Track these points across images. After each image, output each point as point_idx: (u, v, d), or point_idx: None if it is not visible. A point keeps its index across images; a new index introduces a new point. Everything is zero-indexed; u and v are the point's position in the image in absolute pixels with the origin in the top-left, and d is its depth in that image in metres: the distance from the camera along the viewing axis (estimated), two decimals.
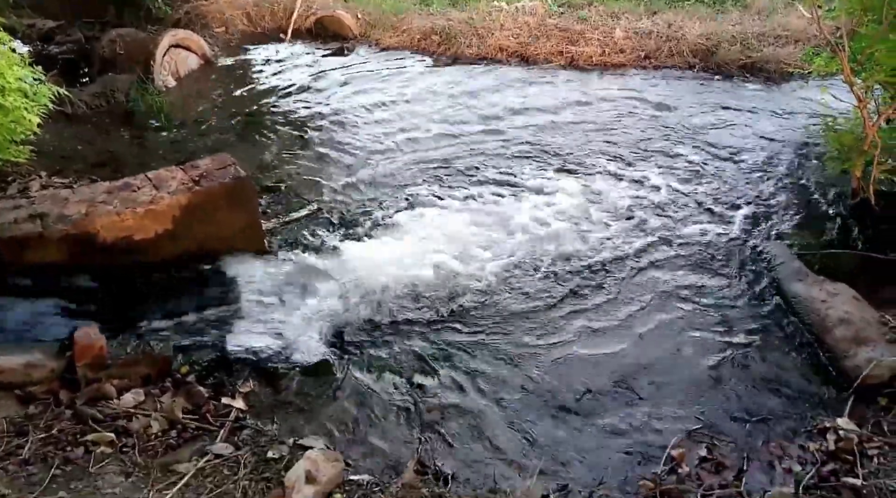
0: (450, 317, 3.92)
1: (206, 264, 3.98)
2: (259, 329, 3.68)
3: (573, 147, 5.97)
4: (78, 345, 3.16)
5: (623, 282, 4.24)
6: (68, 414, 2.97)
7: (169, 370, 3.36)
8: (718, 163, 5.68)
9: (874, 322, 3.54)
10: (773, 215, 4.92)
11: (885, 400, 3.17)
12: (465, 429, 3.19)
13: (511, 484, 2.81)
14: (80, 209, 3.72)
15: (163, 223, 3.84)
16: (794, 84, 7.31)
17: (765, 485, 2.80)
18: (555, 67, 7.97)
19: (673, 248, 4.57)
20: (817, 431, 3.07)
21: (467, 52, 8.36)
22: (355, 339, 3.75)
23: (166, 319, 3.67)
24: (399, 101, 7.04)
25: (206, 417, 3.08)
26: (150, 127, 6.26)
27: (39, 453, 2.72)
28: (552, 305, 4.04)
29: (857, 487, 2.65)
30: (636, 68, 7.94)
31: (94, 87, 6.69)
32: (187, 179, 4.00)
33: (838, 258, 4.29)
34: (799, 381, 3.44)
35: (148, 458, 2.77)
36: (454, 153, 5.89)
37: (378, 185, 5.37)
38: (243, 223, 4.15)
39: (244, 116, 6.67)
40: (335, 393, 3.39)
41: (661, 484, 2.77)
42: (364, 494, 2.64)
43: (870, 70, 4.47)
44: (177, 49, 7.49)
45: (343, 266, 4.23)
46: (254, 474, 2.71)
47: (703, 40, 8.13)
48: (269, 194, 5.11)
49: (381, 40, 8.91)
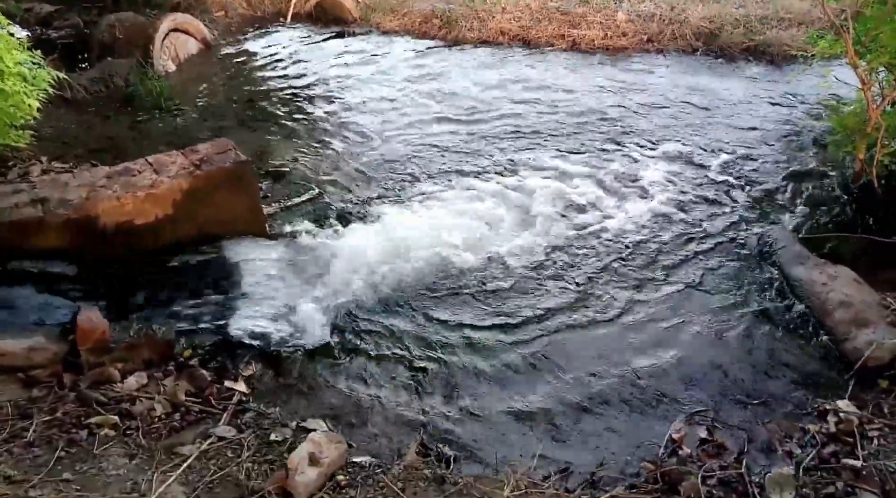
0: (452, 299, 3.93)
1: (207, 248, 3.98)
2: (261, 313, 3.69)
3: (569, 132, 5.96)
4: (80, 329, 3.17)
5: (623, 265, 4.24)
6: (72, 397, 2.98)
7: (171, 354, 3.37)
8: (719, 147, 5.66)
9: (875, 304, 3.54)
10: (774, 198, 4.91)
11: (886, 382, 3.18)
12: (468, 411, 3.20)
13: (513, 466, 2.82)
14: (80, 194, 3.72)
15: (163, 207, 3.84)
16: (797, 67, 7.25)
17: (765, 466, 2.80)
18: (556, 51, 7.92)
19: (672, 231, 4.57)
20: (818, 414, 3.08)
21: (468, 36, 8.31)
22: (357, 321, 3.76)
23: (168, 304, 3.68)
24: (400, 85, 7.00)
25: (209, 400, 3.09)
26: (150, 111, 6.23)
27: (44, 436, 2.73)
28: (555, 287, 4.04)
29: (857, 469, 2.66)
30: (639, 52, 7.88)
31: (93, 72, 6.65)
32: (188, 164, 3.99)
33: (840, 241, 4.29)
34: (800, 363, 3.45)
35: (152, 440, 2.79)
36: (457, 137, 5.87)
37: (379, 168, 5.35)
38: (244, 207, 4.14)
39: (244, 101, 6.64)
40: (338, 376, 3.41)
41: (661, 466, 2.78)
42: (367, 475, 2.66)
43: (874, 52, 4.44)
44: (176, 33, 7.43)
45: (344, 250, 4.23)
46: (257, 456, 2.73)
47: (706, 23, 8.07)
48: (270, 179, 5.09)
49: (381, 24, 8.85)
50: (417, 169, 5.34)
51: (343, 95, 6.75)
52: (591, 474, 2.82)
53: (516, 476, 2.63)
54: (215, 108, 6.45)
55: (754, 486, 2.64)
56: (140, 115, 6.16)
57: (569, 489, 2.70)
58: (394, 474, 2.66)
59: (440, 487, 2.59)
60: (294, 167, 5.31)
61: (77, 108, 6.17)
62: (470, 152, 5.61)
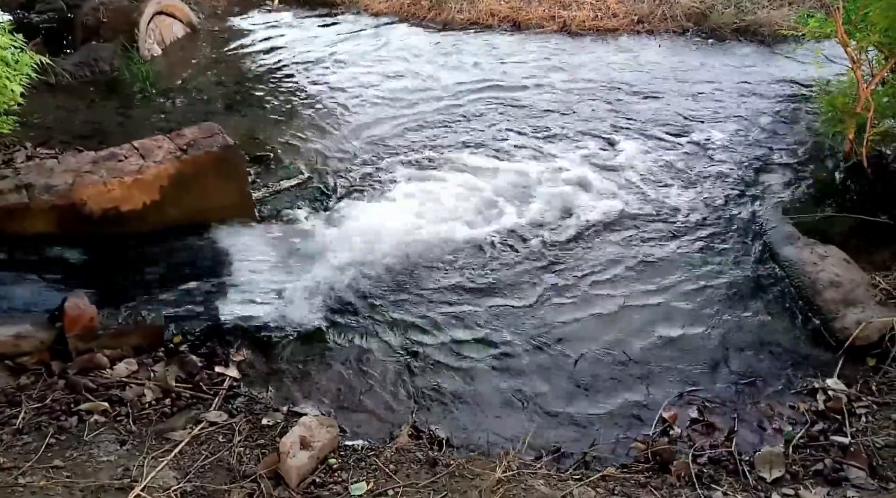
0: (443, 282, 3.92)
1: (195, 234, 3.93)
2: (250, 298, 3.67)
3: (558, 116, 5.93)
4: (68, 315, 3.14)
5: (612, 246, 4.24)
6: (61, 384, 2.96)
7: (161, 340, 3.35)
8: (709, 127, 5.65)
9: (864, 284, 3.56)
10: (764, 179, 4.91)
11: (874, 360, 3.21)
12: (459, 394, 3.21)
13: (504, 447, 2.83)
14: (66, 180, 3.67)
15: (150, 193, 3.79)
16: (787, 47, 7.24)
17: (755, 445, 2.83)
18: (546, 32, 7.87)
19: (663, 213, 4.57)
20: (807, 392, 3.11)
21: (458, 17, 8.22)
22: (348, 305, 3.74)
23: (157, 290, 3.64)
24: (387, 68, 6.94)
25: (200, 385, 3.08)
26: (136, 96, 6.15)
27: (33, 423, 2.72)
28: (544, 269, 4.04)
29: (845, 446, 2.69)
30: (629, 33, 7.84)
31: (77, 57, 6.55)
32: (174, 148, 3.94)
33: (829, 221, 4.30)
34: (790, 342, 3.47)
35: (142, 426, 2.78)
36: (445, 120, 5.83)
37: (368, 152, 5.31)
38: (232, 192, 4.10)
39: (231, 85, 6.56)
40: (329, 360, 3.40)
41: (653, 445, 2.80)
42: (358, 458, 2.66)
43: (864, 31, 4.42)
44: (161, 16, 7.32)
45: (333, 234, 4.21)
46: (248, 441, 2.73)
47: (696, 3, 8.02)
48: (258, 163, 5.05)
49: (369, 5, 8.74)
50: (407, 150, 5.30)
51: (331, 78, 6.67)
52: (583, 454, 2.84)
53: (508, 457, 2.64)
54: (202, 92, 6.37)
55: (744, 464, 2.67)
56: (126, 100, 6.08)
57: (560, 469, 2.72)
58: (386, 457, 2.66)
59: (432, 469, 2.60)
60: (283, 151, 5.26)
61: (61, 93, 6.09)
62: (460, 133, 5.57)
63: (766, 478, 2.58)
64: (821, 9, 5.34)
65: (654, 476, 2.64)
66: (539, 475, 2.59)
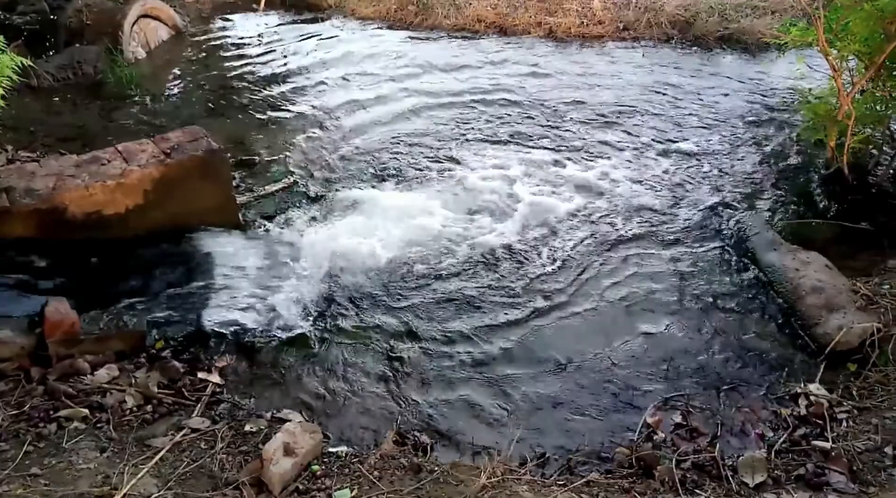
0: (427, 288, 3.91)
1: (179, 238, 3.90)
2: (234, 304, 3.64)
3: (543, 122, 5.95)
4: (48, 321, 3.11)
5: (597, 252, 4.25)
6: (40, 390, 2.92)
7: (143, 346, 3.32)
8: (692, 134, 5.70)
9: (845, 290, 3.59)
10: (747, 186, 4.96)
11: (855, 365, 3.24)
12: (443, 400, 3.20)
13: (490, 453, 2.83)
14: (47, 183, 3.63)
15: (133, 197, 3.76)
16: (770, 55, 7.33)
17: (738, 449, 2.85)
18: (532, 39, 7.90)
19: (647, 219, 4.59)
20: (789, 397, 3.13)
21: (444, 23, 8.24)
22: (332, 311, 3.72)
23: (139, 295, 3.60)
24: (374, 72, 6.93)
25: (182, 391, 3.05)
26: (120, 99, 6.10)
27: (11, 430, 2.68)
28: (529, 275, 4.04)
29: (827, 450, 2.71)
30: (614, 40, 7.89)
31: (60, 59, 6.49)
32: (158, 152, 3.91)
33: (812, 227, 4.35)
34: (772, 348, 3.50)
35: (123, 433, 2.75)
36: (431, 126, 5.83)
37: (354, 157, 5.30)
38: (216, 196, 4.07)
39: (216, 88, 6.53)
40: (313, 366, 3.38)
41: (637, 450, 2.81)
42: (342, 465, 2.64)
43: (845, 40, 4.48)
44: (146, 19, 7.28)
45: (318, 239, 4.19)
46: (231, 448, 2.70)
47: (681, 11, 8.10)
48: (243, 168, 5.03)
49: (356, 10, 8.75)
50: (391, 156, 5.30)
51: (316, 83, 6.66)
52: (568, 460, 2.85)
53: (493, 463, 2.63)
54: (186, 96, 6.34)
55: (728, 469, 2.68)
56: (109, 103, 6.03)
57: (545, 475, 2.72)
58: (370, 464, 2.65)
59: (417, 476, 2.59)
60: (267, 155, 5.24)
61: (44, 96, 6.03)
62: (444, 138, 5.58)
63: (748, 483, 2.59)
64: (803, 17, 5.39)
65: (638, 481, 2.65)
66: (523, 481, 2.59)
